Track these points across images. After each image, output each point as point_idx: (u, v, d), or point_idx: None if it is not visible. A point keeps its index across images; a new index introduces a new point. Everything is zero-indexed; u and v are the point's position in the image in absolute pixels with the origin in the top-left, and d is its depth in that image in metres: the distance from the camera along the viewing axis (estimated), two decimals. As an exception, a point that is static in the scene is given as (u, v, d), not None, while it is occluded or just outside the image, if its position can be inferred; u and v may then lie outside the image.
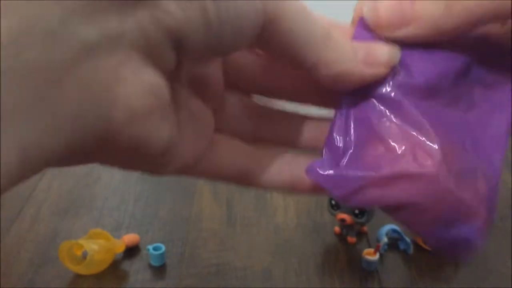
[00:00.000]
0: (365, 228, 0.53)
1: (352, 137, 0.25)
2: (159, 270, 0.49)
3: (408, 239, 0.51)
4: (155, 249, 0.49)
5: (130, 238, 0.51)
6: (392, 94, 0.24)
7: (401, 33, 0.23)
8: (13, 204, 0.57)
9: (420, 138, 0.23)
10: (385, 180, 0.23)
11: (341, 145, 0.25)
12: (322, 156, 0.25)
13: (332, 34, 0.22)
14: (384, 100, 0.24)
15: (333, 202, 0.51)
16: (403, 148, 0.23)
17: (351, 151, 0.24)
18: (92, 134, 0.17)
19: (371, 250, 0.49)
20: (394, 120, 0.24)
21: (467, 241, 0.25)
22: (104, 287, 0.47)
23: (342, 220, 0.51)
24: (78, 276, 0.48)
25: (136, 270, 0.49)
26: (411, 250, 0.51)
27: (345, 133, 0.25)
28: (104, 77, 0.16)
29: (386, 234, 0.51)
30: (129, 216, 0.56)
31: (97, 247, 0.47)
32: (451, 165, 0.24)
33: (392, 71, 0.24)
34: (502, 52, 0.26)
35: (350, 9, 0.27)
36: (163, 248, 0.49)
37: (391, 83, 0.24)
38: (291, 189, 0.26)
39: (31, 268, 0.49)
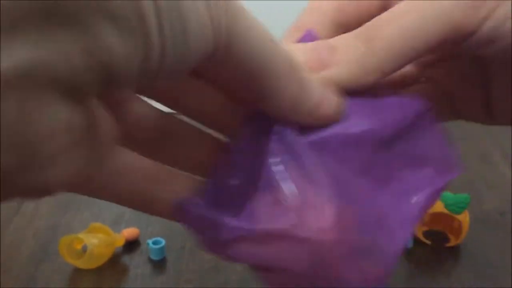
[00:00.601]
0: (365, 223, 0.53)
1: (241, 178, 0.21)
2: (159, 264, 0.49)
3: (407, 234, 0.51)
4: (155, 243, 0.49)
5: (130, 232, 0.51)
6: (299, 145, 0.21)
7: (324, 75, 0.21)
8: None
9: (315, 199, 0.20)
10: (264, 237, 0.20)
11: (226, 183, 0.21)
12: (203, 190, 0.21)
13: (297, 66, 0.19)
14: (288, 147, 0.21)
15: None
16: (293, 204, 0.20)
17: (235, 193, 0.21)
18: None
19: (371, 244, 0.49)
20: (293, 173, 0.20)
21: None
22: (104, 282, 0.47)
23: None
24: (78, 271, 0.48)
25: (136, 264, 0.49)
26: (410, 244, 0.51)
27: (235, 171, 0.21)
28: (3, 116, 0.13)
29: (386, 229, 0.51)
30: (129, 210, 0.56)
31: (97, 241, 0.47)
32: (344, 239, 0.21)
33: None
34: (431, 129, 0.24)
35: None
36: (163, 242, 0.49)
37: (302, 132, 0.21)
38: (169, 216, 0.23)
39: (31, 263, 0.49)
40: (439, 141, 0.24)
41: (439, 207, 0.50)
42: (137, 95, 0.22)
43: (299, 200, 0.20)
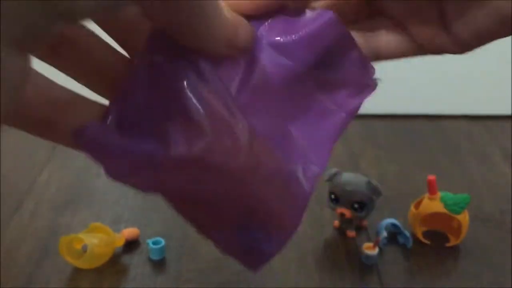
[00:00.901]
0: (365, 222, 0.53)
1: (149, 101, 0.19)
2: (159, 264, 0.49)
3: (407, 233, 0.51)
4: (154, 243, 0.49)
5: (130, 232, 0.51)
6: (214, 74, 0.20)
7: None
8: (12, 198, 0.57)
9: (230, 125, 0.19)
10: (179, 163, 0.18)
11: (133, 106, 0.19)
12: (105, 116, 0.19)
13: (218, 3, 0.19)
14: (203, 75, 0.19)
15: (332, 196, 0.51)
16: (207, 130, 0.19)
17: (145, 117, 0.19)
18: None
19: (371, 244, 0.49)
20: (207, 99, 0.19)
21: (261, 251, 0.22)
22: (104, 281, 0.47)
23: (342, 215, 0.51)
24: (78, 270, 0.48)
25: (136, 264, 0.49)
26: (410, 244, 0.51)
27: (142, 94, 0.19)
28: None
29: (386, 228, 0.51)
30: (129, 209, 0.56)
31: (97, 240, 0.47)
32: (261, 166, 0.20)
33: None
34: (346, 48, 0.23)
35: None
36: (163, 242, 0.49)
37: (217, 61, 0.20)
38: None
39: (31, 262, 0.49)
40: (356, 63, 0.24)
41: (438, 207, 0.50)
42: None
43: (213, 126, 0.19)
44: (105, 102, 0.21)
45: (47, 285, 0.46)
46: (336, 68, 0.23)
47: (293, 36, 0.22)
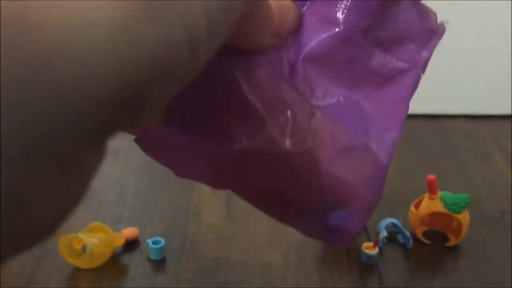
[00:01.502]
0: (365, 222, 0.53)
1: (207, 98, 0.19)
2: (159, 264, 0.49)
3: (407, 233, 0.51)
4: (154, 242, 0.49)
5: (130, 231, 0.51)
6: (263, 55, 0.19)
7: None
8: (12, 198, 0.57)
9: (289, 108, 0.19)
10: (243, 156, 0.19)
11: (190, 106, 0.19)
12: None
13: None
14: (254, 62, 0.19)
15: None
16: (269, 118, 0.19)
17: (203, 115, 0.19)
18: None
19: (370, 244, 0.49)
20: (261, 85, 0.19)
21: (343, 230, 0.22)
22: (104, 281, 0.47)
23: (342, 214, 0.51)
24: (78, 270, 0.48)
25: (136, 264, 0.49)
26: (410, 243, 0.51)
27: (197, 91, 0.19)
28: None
29: (386, 228, 0.51)
30: (129, 209, 0.56)
31: (96, 240, 0.47)
32: (328, 145, 0.20)
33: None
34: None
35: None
36: (163, 242, 0.49)
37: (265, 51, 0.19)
38: None
39: (31, 262, 0.49)
40: (414, 13, 0.23)
41: (438, 206, 0.50)
42: None
43: (271, 114, 0.19)
44: None
45: (47, 285, 0.46)
46: (394, 25, 0.22)
47: (338, 4, 0.21)
